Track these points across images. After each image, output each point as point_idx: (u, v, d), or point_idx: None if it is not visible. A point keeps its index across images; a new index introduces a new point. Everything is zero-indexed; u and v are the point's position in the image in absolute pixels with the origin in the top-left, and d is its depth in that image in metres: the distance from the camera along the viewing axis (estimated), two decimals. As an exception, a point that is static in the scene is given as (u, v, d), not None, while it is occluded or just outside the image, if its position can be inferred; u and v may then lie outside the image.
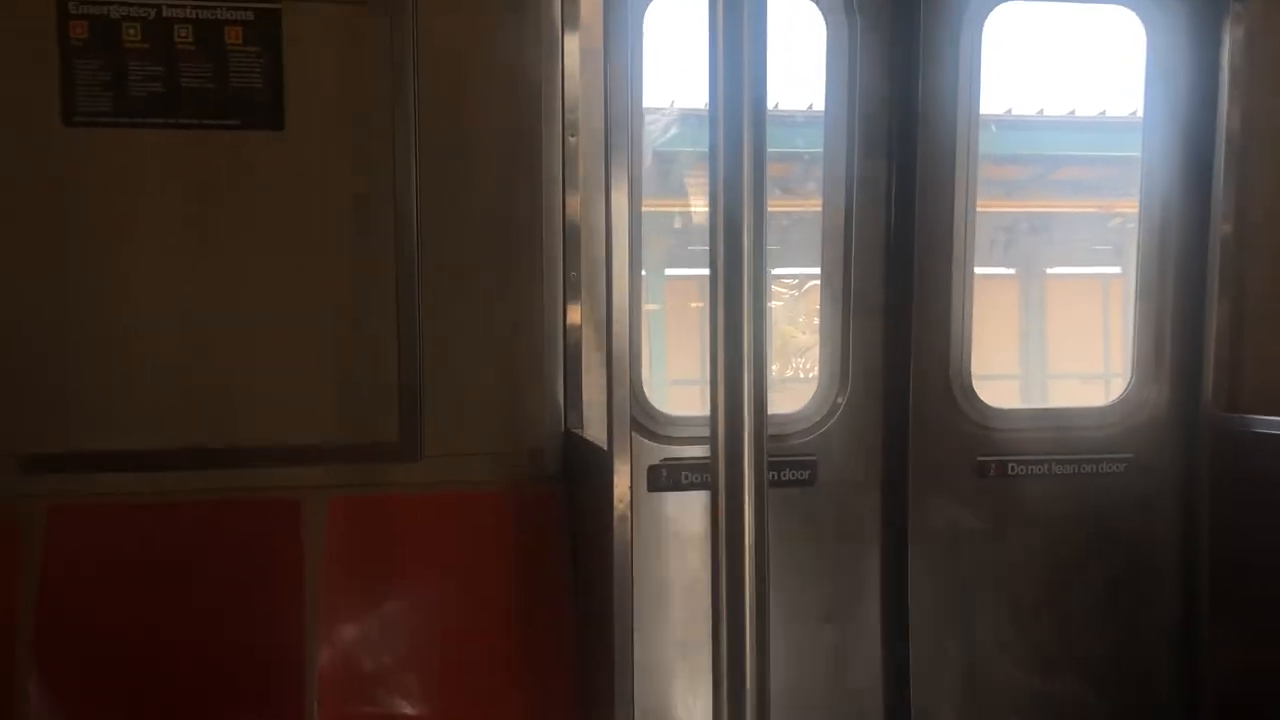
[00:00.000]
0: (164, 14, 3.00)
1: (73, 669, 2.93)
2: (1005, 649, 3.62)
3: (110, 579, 2.99)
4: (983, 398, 3.61)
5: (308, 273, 3.11)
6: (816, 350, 3.71)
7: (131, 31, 2.99)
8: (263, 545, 3.06)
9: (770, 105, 1.50)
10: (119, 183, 3.01)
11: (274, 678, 3.00)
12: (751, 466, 1.40)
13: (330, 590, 3.04)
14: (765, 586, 1.39)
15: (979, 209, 3.62)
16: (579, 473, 3.08)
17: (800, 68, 3.71)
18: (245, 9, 3.03)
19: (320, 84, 3.09)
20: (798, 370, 6.89)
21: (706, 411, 1.50)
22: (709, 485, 3.36)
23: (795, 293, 6.82)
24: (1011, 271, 8.51)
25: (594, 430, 3.08)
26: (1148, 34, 3.64)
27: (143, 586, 2.99)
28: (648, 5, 3.40)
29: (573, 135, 3.22)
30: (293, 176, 3.09)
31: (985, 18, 3.54)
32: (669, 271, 7.62)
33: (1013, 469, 3.58)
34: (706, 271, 1.45)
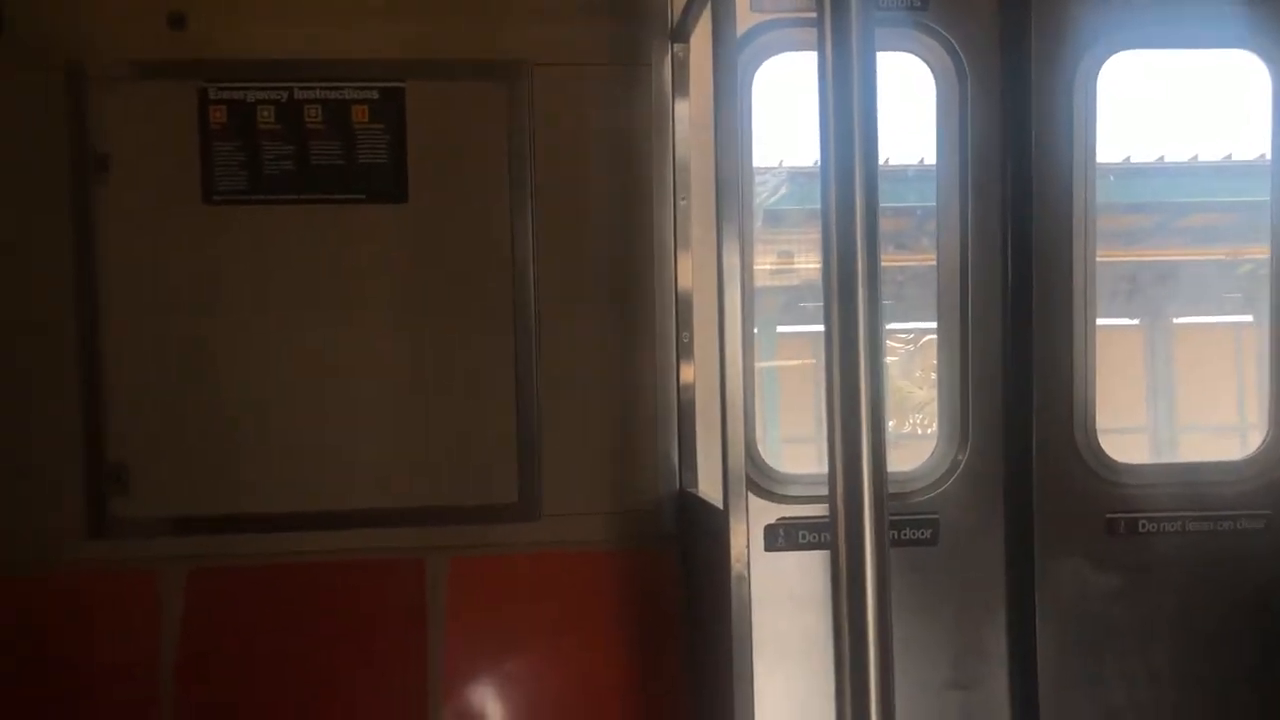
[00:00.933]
0: (295, 96, 3.17)
1: None
2: (1139, 711, 3.46)
3: (245, 637, 3.10)
4: (1110, 452, 3.50)
5: (430, 340, 3.22)
6: (933, 406, 3.65)
7: (266, 114, 3.17)
8: (388, 603, 3.14)
9: (880, 160, 1.51)
10: (255, 256, 3.17)
11: None
12: (871, 524, 1.38)
13: (452, 648, 3.10)
14: (888, 646, 1.37)
15: (1100, 259, 3.54)
16: (694, 532, 3.09)
17: (909, 120, 3.70)
18: (371, 88, 3.18)
19: (441, 156, 3.21)
20: (915, 426, 6.78)
21: (822, 469, 1.49)
22: (827, 544, 3.33)
23: (911, 347, 6.74)
24: (1136, 322, 8.26)
25: (709, 489, 3.09)
26: (1273, 75, 3.54)
27: (275, 644, 3.10)
28: (758, 68, 3.44)
29: (684, 199, 3.28)
30: (415, 246, 3.21)
31: (1100, 67, 3.49)
32: (780, 329, 7.62)
33: (1143, 526, 3.45)
34: (817, 328, 1.45)
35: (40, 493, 3.11)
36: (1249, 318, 8.26)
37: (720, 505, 2.62)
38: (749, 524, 2.62)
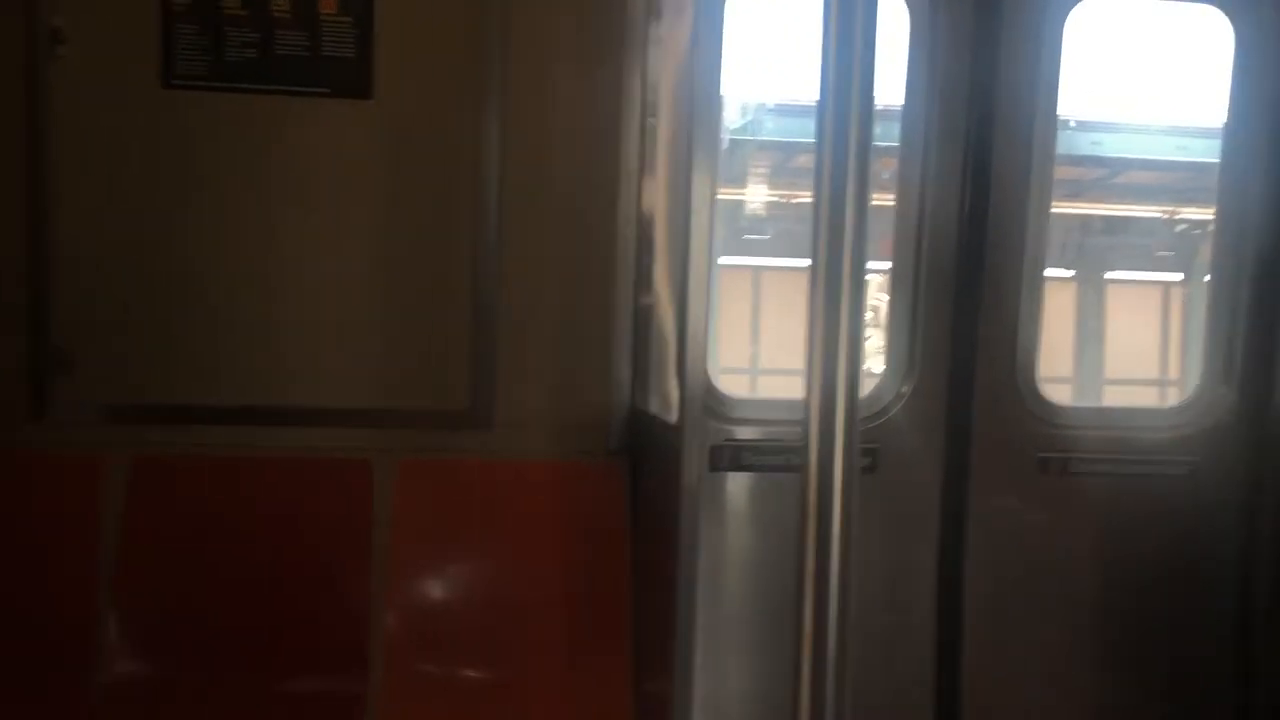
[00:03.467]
0: (263, -18, 3.08)
1: (149, 617, 3.03)
2: (1060, 644, 3.63)
3: (187, 530, 3.09)
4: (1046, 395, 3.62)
5: (389, 241, 3.19)
6: (875, 341, 3.73)
7: (231, -2, 3.07)
8: (334, 503, 3.15)
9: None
10: (213, 145, 3.09)
11: (339, 634, 3.08)
12: (842, 454, 1.43)
13: (396, 551, 3.12)
14: (849, 571, 1.43)
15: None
16: (645, 448, 3.14)
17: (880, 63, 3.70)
18: None
19: (410, 57, 3.15)
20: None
21: (761, 396, 1.51)
22: (770, 467, 3.41)
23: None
24: (1070, 274, 8.44)
25: (659, 409, 3.14)
26: (1236, 33, 3.60)
27: (217, 539, 3.09)
28: (729, -5, 3.42)
29: (652, 118, 3.26)
30: (379, 145, 3.16)
31: (1067, 14, 3.52)
32: (722, 260, 7.64)
33: (1074, 467, 3.59)
34: (756, 261, 1.47)
35: None
36: (1179, 276, 8.48)
37: (674, 422, 2.66)
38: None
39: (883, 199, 3.76)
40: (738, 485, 3.51)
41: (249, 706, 2.97)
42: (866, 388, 3.64)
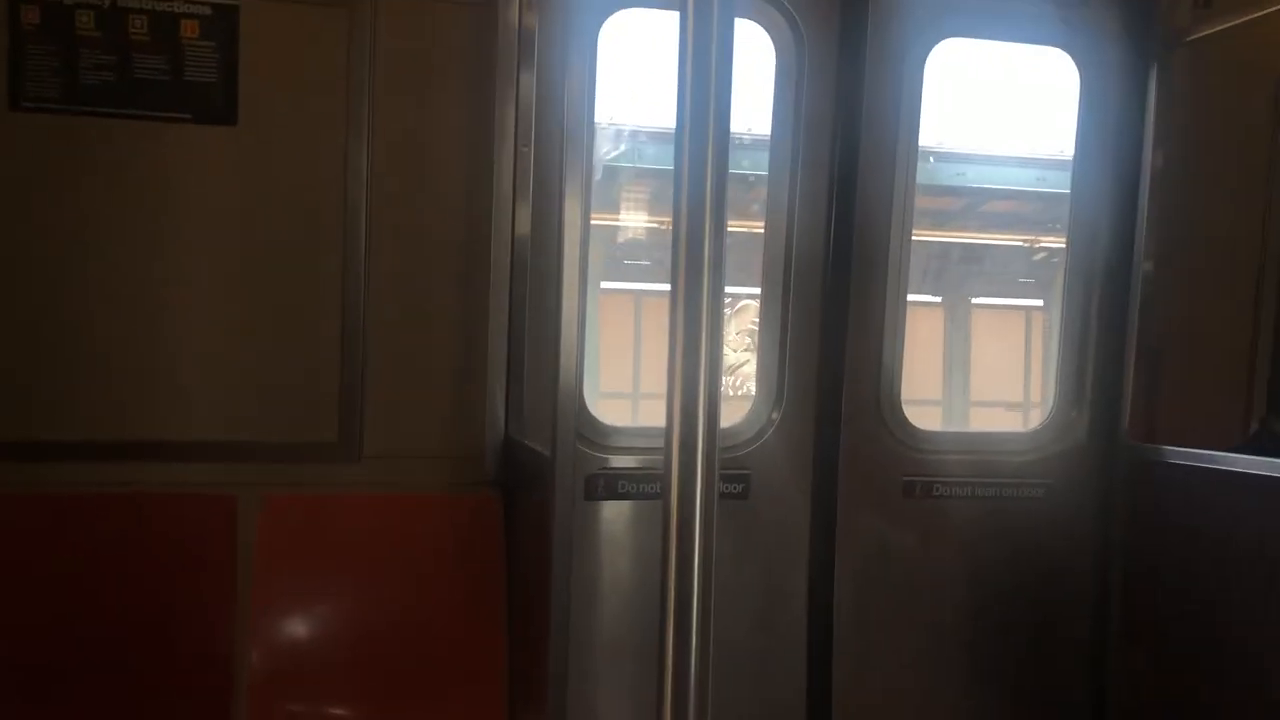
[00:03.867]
0: (118, 4, 2.98)
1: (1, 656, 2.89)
2: (926, 659, 3.73)
3: (45, 570, 2.95)
4: (911, 420, 3.72)
5: (254, 270, 3.11)
6: (746, 369, 3.78)
7: (84, 19, 2.98)
8: (196, 540, 3.04)
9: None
10: (68, 170, 2.98)
11: (201, 674, 2.98)
12: (703, 478, 1.44)
13: (263, 587, 3.03)
14: (710, 594, 1.44)
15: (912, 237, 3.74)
16: (519, 479, 3.12)
17: (745, 91, 3.79)
18: (203, 3, 3.03)
19: (275, 81, 3.09)
20: (727, 388, 6.98)
21: (640, 424, 1.52)
22: (645, 495, 3.42)
23: (729, 310, 6.91)
24: (939, 300, 8.70)
25: (534, 438, 3.12)
26: (1081, 75, 3.79)
27: (73, 578, 2.96)
28: (602, 23, 3.45)
29: (525, 146, 3.26)
30: (243, 173, 3.09)
31: (929, 51, 3.66)
32: (604, 285, 7.67)
33: (937, 489, 3.70)
34: (639, 286, 1.48)
35: None
36: (1039, 302, 8.83)
37: (547, 453, 2.65)
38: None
39: (755, 226, 3.84)
40: (614, 513, 3.51)
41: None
42: (741, 413, 3.70)
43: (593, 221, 3.90)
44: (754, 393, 3.73)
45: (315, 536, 3.12)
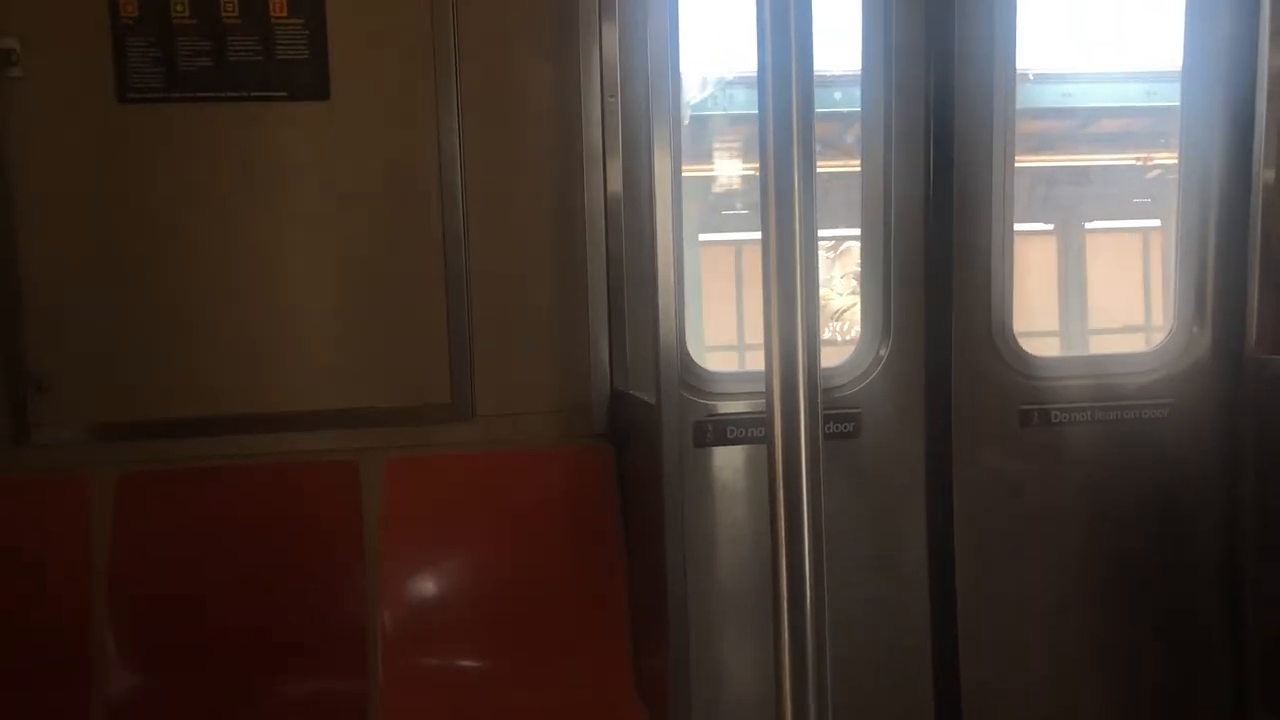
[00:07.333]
0: (209, -15, 3.06)
1: (145, 631, 3.04)
2: (1050, 592, 3.66)
3: (177, 542, 3.10)
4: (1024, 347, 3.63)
5: (358, 241, 3.19)
6: (852, 313, 3.73)
7: (179, 6, 3.06)
8: (321, 507, 3.16)
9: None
10: (175, 157, 3.09)
11: (337, 635, 3.10)
12: (806, 420, 1.43)
13: (390, 548, 3.13)
14: (821, 536, 1.43)
15: (1016, 163, 3.62)
16: (628, 429, 3.15)
17: (831, 27, 3.70)
18: None
19: (365, 55, 3.15)
20: (834, 333, 6.90)
21: (745, 369, 1.52)
22: (753, 439, 3.42)
23: (831, 255, 6.81)
24: (1050, 227, 8.44)
25: (640, 389, 3.15)
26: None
27: (207, 549, 3.10)
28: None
29: (612, 96, 3.25)
30: (340, 146, 3.16)
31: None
32: (703, 237, 7.63)
33: (1055, 416, 3.61)
34: (738, 236, 1.47)
35: None
36: (1156, 222, 8.49)
37: (653, 402, 2.68)
38: (680, 421, 2.69)
39: (850, 165, 3.77)
40: (726, 459, 3.52)
41: (250, 712, 2.98)
42: (847, 353, 3.67)
43: (686, 173, 3.88)
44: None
45: (435, 496, 3.21)
